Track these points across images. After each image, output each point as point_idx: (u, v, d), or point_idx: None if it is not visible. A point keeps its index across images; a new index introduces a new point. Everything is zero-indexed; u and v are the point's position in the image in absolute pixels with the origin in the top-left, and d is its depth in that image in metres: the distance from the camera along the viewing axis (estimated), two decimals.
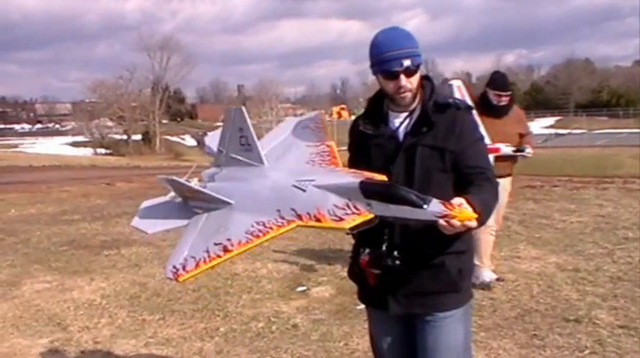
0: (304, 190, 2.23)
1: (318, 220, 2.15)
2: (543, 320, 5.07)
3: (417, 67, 2.46)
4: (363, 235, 2.49)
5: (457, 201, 2.12)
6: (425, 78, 2.56)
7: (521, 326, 4.98)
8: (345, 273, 2.90)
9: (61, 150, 54.37)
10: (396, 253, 2.43)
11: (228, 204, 2.34)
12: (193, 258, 2.23)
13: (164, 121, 67.88)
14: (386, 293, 2.57)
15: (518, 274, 6.40)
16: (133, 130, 62.55)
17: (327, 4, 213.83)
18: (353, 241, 2.69)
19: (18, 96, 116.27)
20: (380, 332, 2.76)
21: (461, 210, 2.07)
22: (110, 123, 63.76)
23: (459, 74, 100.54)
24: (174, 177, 2.44)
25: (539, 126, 66.65)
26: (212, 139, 2.73)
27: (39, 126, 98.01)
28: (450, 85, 5.79)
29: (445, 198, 2.12)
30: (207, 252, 2.22)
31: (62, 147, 59.46)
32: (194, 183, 2.49)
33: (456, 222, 2.07)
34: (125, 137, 61.94)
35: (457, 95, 5.48)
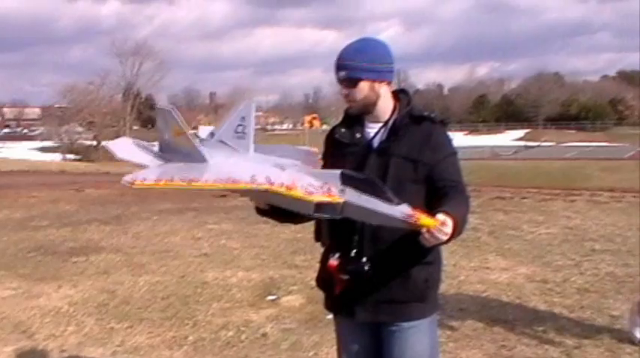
0: (284, 169, 2.28)
1: (289, 189, 2.20)
2: (512, 331, 5.11)
3: (355, 79, 2.50)
4: (333, 241, 2.54)
5: (441, 217, 2.16)
6: (401, 91, 2.62)
7: (490, 336, 5.02)
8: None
9: (30, 155, 53.53)
10: (364, 259, 2.46)
11: (204, 161, 2.30)
12: (157, 177, 2.21)
13: (135, 127, 67.23)
14: (353, 301, 2.58)
15: (487, 285, 6.46)
16: (104, 136, 61.79)
17: (302, 14, 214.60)
18: (322, 250, 2.70)
19: None
20: (347, 341, 2.76)
21: (425, 217, 2.15)
22: (80, 129, 63.01)
23: (430, 85, 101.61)
24: (172, 108, 2.35)
25: (509, 138, 67.61)
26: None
27: (6, 130, 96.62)
28: None
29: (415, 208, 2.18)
30: (172, 178, 2.20)
31: (30, 152, 58.64)
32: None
33: (443, 230, 2.13)
34: (95, 143, 61.26)
35: None
